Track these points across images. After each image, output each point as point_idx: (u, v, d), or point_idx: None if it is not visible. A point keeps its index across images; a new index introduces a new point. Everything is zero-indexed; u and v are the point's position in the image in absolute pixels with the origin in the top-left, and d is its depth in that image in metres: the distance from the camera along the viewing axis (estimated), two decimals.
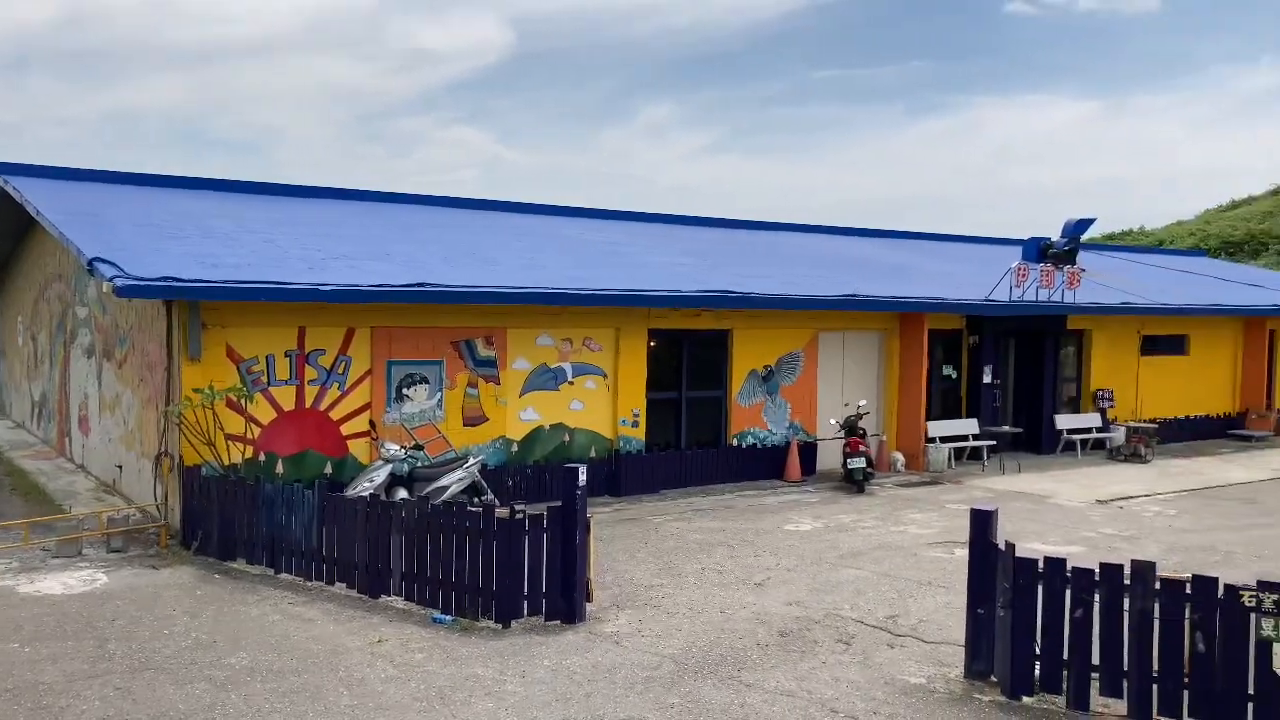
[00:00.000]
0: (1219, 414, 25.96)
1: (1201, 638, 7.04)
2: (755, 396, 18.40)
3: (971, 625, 8.07)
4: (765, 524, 14.46)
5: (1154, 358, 24.65)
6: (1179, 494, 17.70)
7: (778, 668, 8.38)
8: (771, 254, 23.08)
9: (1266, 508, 16.48)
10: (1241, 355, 26.55)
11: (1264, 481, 19.19)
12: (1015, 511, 15.52)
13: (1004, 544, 7.91)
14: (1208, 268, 34.71)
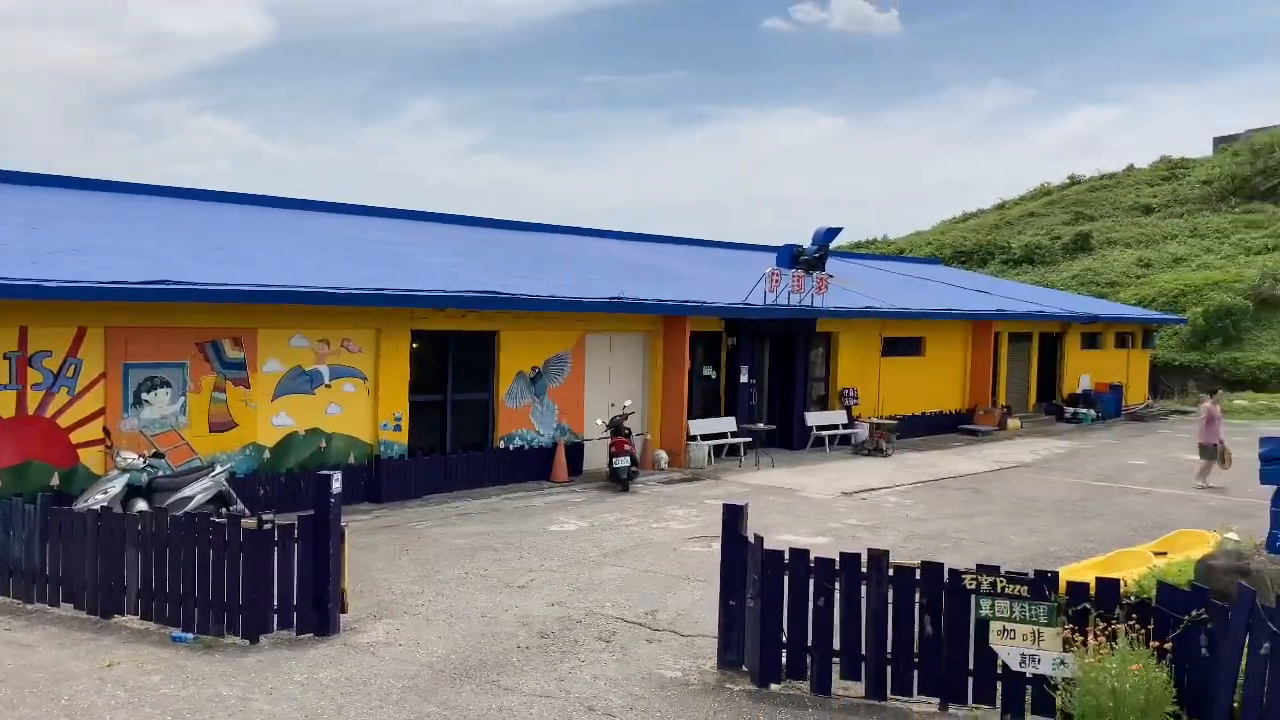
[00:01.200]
0: (951, 410, 28.11)
1: (930, 620, 7.57)
2: (523, 398, 18.36)
3: (723, 617, 8.35)
4: (531, 525, 14.45)
5: (894, 358, 26.41)
6: (915, 485, 19.01)
7: (538, 669, 8.37)
8: (540, 256, 23.13)
9: (990, 496, 17.96)
10: (970, 356, 28.86)
11: (989, 472, 20.91)
12: (768, 505, 16.22)
13: (753, 537, 8.22)
14: (942, 275, 37.54)
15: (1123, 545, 13.07)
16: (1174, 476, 20.50)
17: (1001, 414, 28.45)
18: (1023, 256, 55.44)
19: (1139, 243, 54.06)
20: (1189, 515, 16.05)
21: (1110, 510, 16.73)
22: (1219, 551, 8.54)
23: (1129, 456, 23.65)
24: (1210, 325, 41.34)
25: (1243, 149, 60.83)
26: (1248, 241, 49.87)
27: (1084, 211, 61.71)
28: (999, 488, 18.91)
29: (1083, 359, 33.59)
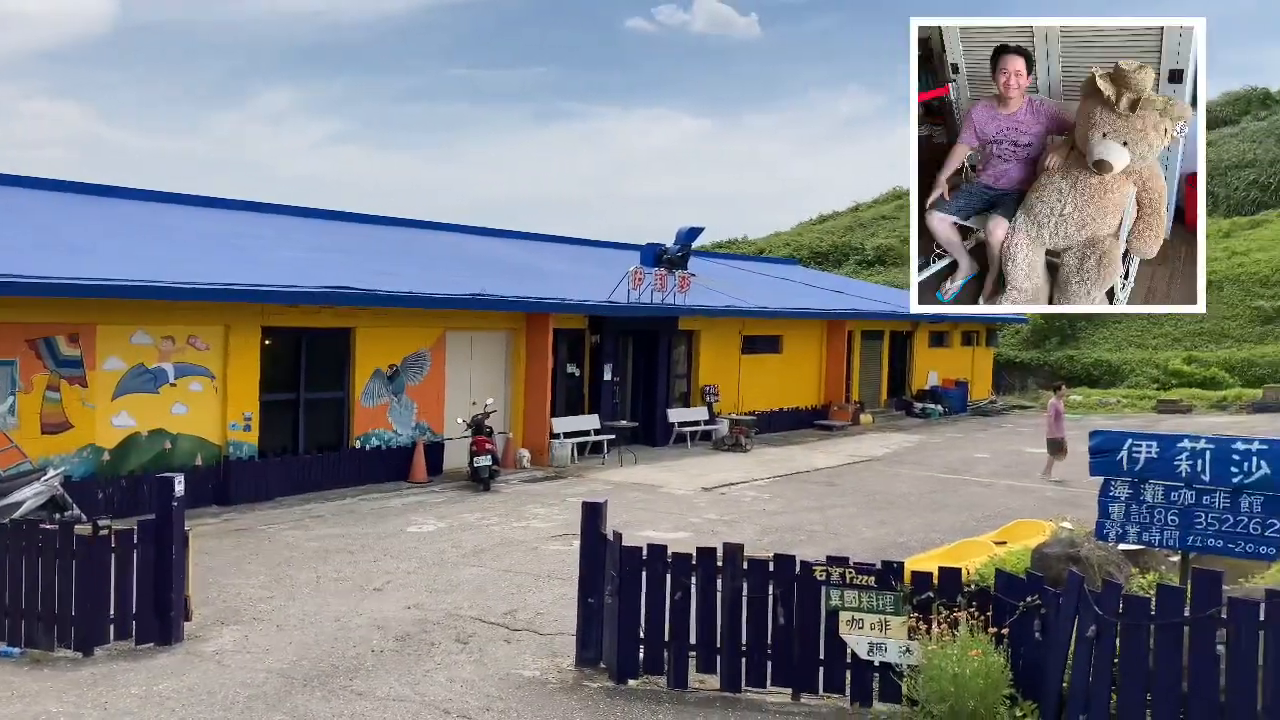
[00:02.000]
0: (807, 406, 28.83)
1: (783, 611, 7.74)
2: (380, 397, 17.97)
3: (582, 614, 8.35)
4: (388, 527, 14.16)
5: (753, 356, 26.92)
6: (773, 479, 19.42)
7: (392, 673, 8.20)
8: (400, 251, 22.68)
9: (843, 489, 18.49)
10: (826, 353, 29.66)
11: (843, 466, 21.53)
12: (631, 501, 16.31)
13: (612, 534, 8.25)
14: (799, 275, 38.48)
15: (966, 535, 13.63)
16: (1015, 469, 21.51)
17: (855, 409, 29.34)
18: (875, 258, 57.27)
19: None
20: (1028, 505, 16.84)
21: (955, 502, 17.44)
22: (1053, 540, 9.00)
23: (973, 450, 24.70)
24: (1049, 324, 43.52)
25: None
26: None
27: None
28: (852, 481, 19.48)
29: (931, 357, 34.93)
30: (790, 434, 26.90)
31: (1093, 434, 8.37)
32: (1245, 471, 7.66)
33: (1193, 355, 39.74)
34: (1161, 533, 7.99)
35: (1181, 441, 7.98)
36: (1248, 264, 43.43)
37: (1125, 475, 8.16)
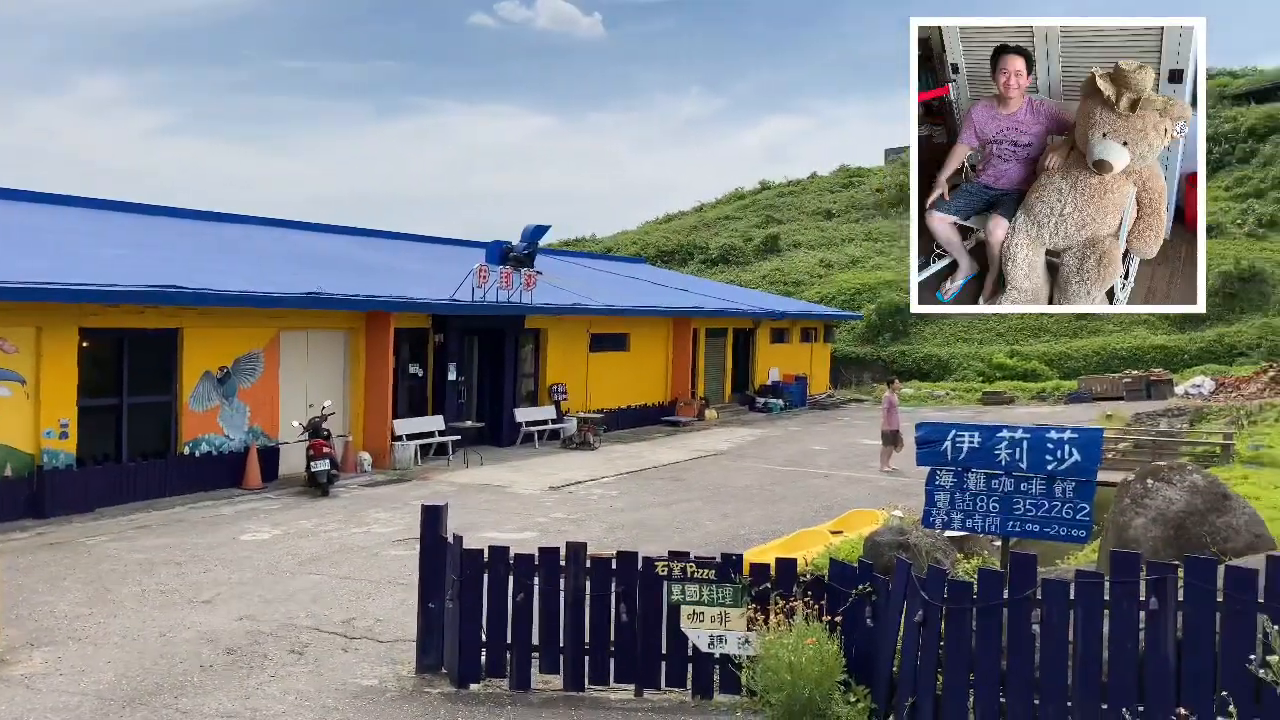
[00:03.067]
0: (655, 403, 29.11)
1: (625, 609, 7.76)
2: (210, 400, 17.19)
3: (422, 620, 8.18)
4: (219, 536, 13.55)
5: (601, 354, 27.01)
6: (620, 477, 19.51)
7: (221, 689, 7.85)
8: (232, 248, 21.76)
9: (689, 484, 18.73)
10: (672, 351, 30.02)
11: (688, 461, 21.82)
12: (477, 503, 16.11)
13: (452, 537, 8.10)
14: (646, 273, 38.84)
15: (805, 526, 14.02)
16: (851, 460, 22.24)
17: (700, 405, 29.80)
18: (719, 257, 58.32)
19: (821, 245, 58.30)
20: (863, 495, 17.44)
21: (795, 493, 17.90)
22: (884, 528, 9.33)
23: (813, 443, 25.42)
24: (882, 321, 45.22)
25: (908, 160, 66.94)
26: None
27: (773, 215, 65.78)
28: (697, 476, 19.76)
29: (772, 353, 35.81)
30: (638, 431, 27.10)
31: (919, 426, 8.70)
32: (1059, 459, 8.10)
33: (1015, 349, 41.98)
34: (984, 519, 8.37)
35: (1001, 432, 8.38)
36: None
37: (950, 465, 8.52)
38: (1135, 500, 7.51)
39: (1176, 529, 7.17)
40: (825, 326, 40.09)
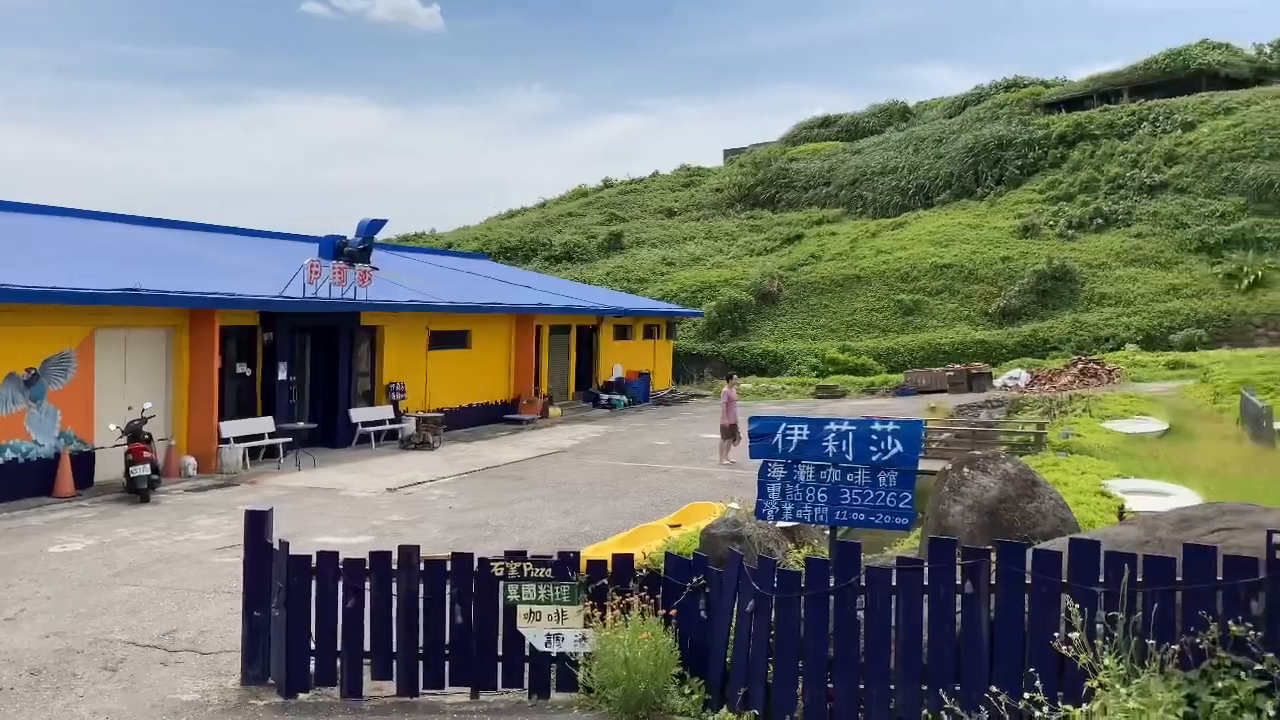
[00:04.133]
0: (497, 401, 28.85)
1: (460, 610, 7.63)
2: (15, 403, 16.06)
3: (247, 629, 7.84)
4: (25, 548, 12.67)
5: (441, 351, 26.57)
6: (461, 476, 19.24)
7: (23, 712, 7.32)
8: (42, 241, 20.39)
9: (531, 482, 18.63)
10: (515, 348, 29.81)
11: (531, 459, 21.71)
12: (309, 507, 15.59)
13: (279, 543, 7.80)
14: (489, 270, 38.46)
15: (646, 521, 14.13)
16: (692, 454, 22.58)
17: (544, 403, 29.70)
18: (563, 253, 58.33)
19: (663, 243, 59.02)
20: (703, 489, 17.70)
21: (637, 488, 18.04)
22: (719, 521, 9.46)
23: (655, 438, 25.69)
24: (722, 318, 46.15)
25: (747, 161, 68.59)
26: (752, 244, 56.28)
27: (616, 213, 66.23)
28: (540, 474, 19.68)
29: (616, 350, 36.03)
30: (480, 429, 26.80)
31: (751, 420, 8.88)
32: (883, 450, 8.39)
33: (846, 345, 43.51)
34: (813, 509, 8.60)
35: (828, 425, 8.62)
36: (891, 261, 48.11)
37: (781, 457, 8.71)
38: (953, 489, 7.86)
39: (991, 515, 7.53)
40: (668, 323, 40.61)
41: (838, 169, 61.85)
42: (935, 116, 65.77)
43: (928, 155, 58.65)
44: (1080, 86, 59.99)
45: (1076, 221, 48.11)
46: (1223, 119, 50.13)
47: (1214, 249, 43.43)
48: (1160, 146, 50.49)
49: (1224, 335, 39.34)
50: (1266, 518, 5.98)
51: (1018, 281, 44.12)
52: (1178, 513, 6.42)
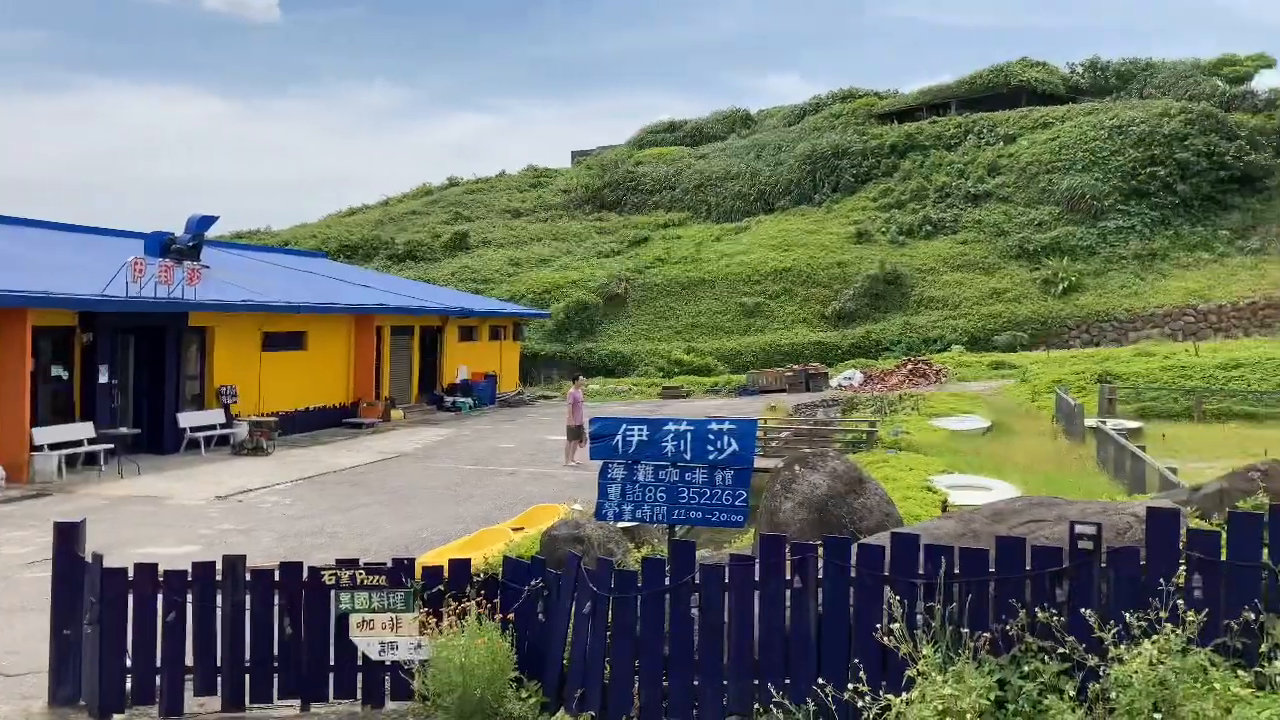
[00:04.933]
0: (336, 404, 28.05)
1: (289, 621, 7.38)
2: None
3: (56, 649, 7.39)
4: None
5: (276, 353, 25.66)
6: (297, 482, 18.64)
7: None
8: None
9: (371, 488, 18.20)
10: (355, 350, 29.05)
11: (372, 464, 21.21)
12: (131, 517, 14.82)
13: (92, 556, 7.37)
14: (327, 268, 37.39)
15: (489, 524, 14.00)
16: (539, 456, 22.50)
17: (385, 406, 29.06)
18: (406, 253, 57.23)
19: (510, 243, 58.62)
20: (548, 491, 17.67)
21: (481, 492, 17.86)
22: (559, 522, 9.44)
23: (501, 441, 25.48)
24: (570, 319, 46.18)
25: (594, 163, 68.86)
26: (599, 246, 56.50)
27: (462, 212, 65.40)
28: (380, 479, 19.25)
29: (461, 351, 35.56)
30: (318, 434, 26.01)
31: (593, 421, 8.91)
32: (719, 449, 8.55)
33: (692, 346, 44.19)
34: (652, 509, 8.69)
35: (667, 425, 8.74)
36: (734, 265, 49.13)
37: (621, 458, 8.78)
38: (785, 486, 8.07)
39: (820, 511, 7.77)
40: (515, 324, 40.35)
41: (683, 173, 62.76)
42: (776, 124, 67.51)
43: (769, 162, 60.14)
44: (911, 99, 62.61)
45: (907, 228, 50.16)
46: (1040, 133, 53.17)
47: (1032, 256, 46.00)
48: (984, 158, 53.17)
49: (1042, 337, 41.72)
50: (1070, 509, 6.37)
51: (852, 285, 45.70)
52: (992, 506, 6.76)
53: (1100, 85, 58.47)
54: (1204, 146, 47.90)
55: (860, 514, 7.76)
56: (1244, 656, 5.10)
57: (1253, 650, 5.10)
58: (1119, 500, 8.97)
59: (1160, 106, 50.92)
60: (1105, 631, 5.16)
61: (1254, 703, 4.69)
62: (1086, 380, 29.98)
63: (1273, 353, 30.05)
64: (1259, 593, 5.23)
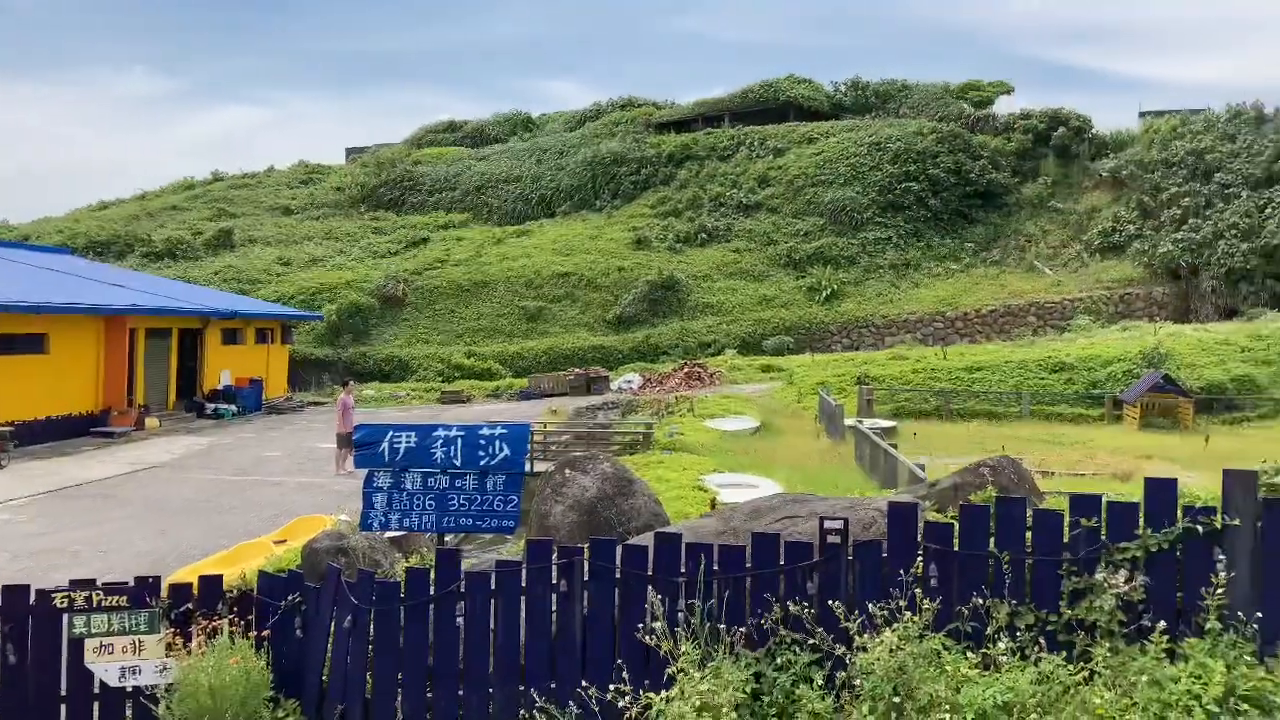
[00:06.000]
0: (84, 412, 26.02)
1: (14, 649, 6.74)
2: None
3: None
4: None
5: (11, 357, 23.54)
6: (36, 497, 17.18)
7: None
8: None
9: (122, 501, 16.99)
10: (104, 353, 27.03)
11: (123, 475, 19.79)
12: None
13: None
14: (73, 266, 34.66)
15: (251, 538, 13.33)
16: (306, 465, 21.63)
17: (139, 413, 27.21)
18: (165, 250, 53.88)
19: (280, 242, 56.21)
20: (316, 502, 17.00)
21: (244, 504, 17.00)
22: (322, 534, 9.11)
23: (266, 449, 24.34)
24: (343, 322, 44.73)
25: (370, 161, 67.02)
26: (375, 245, 55.04)
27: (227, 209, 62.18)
28: (133, 491, 18.00)
29: (224, 355, 33.73)
30: (63, 444, 24.04)
31: (357, 428, 8.64)
32: (490, 454, 8.47)
33: (473, 350, 43.74)
34: (420, 517, 8.51)
35: (437, 431, 8.57)
36: (516, 268, 49.01)
37: (388, 465, 8.55)
38: (555, 489, 8.08)
39: (589, 514, 7.83)
40: (283, 327, 38.65)
41: (464, 174, 62.06)
42: (557, 129, 67.85)
43: (550, 166, 60.35)
44: (687, 110, 64.38)
45: (684, 236, 51.53)
46: (807, 147, 55.84)
47: (799, 264, 48.25)
48: (755, 170, 55.33)
49: (808, 341, 43.82)
50: (821, 505, 6.68)
51: (632, 290, 46.51)
52: (751, 504, 7.00)
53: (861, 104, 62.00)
54: (953, 164, 51.68)
55: (629, 515, 7.87)
56: (974, 639, 5.49)
57: (981, 633, 5.50)
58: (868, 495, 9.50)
59: (915, 126, 54.53)
60: (851, 621, 5.43)
61: (980, 681, 5.05)
62: (847, 382, 31.72)
63: (1010, 356, 32.76)
64: (986, 579, 5.64)
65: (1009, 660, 5.18)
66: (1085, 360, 31.14)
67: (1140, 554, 5.48)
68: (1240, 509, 5.46)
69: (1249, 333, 32.78)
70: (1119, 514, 5.62)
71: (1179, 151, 48.16)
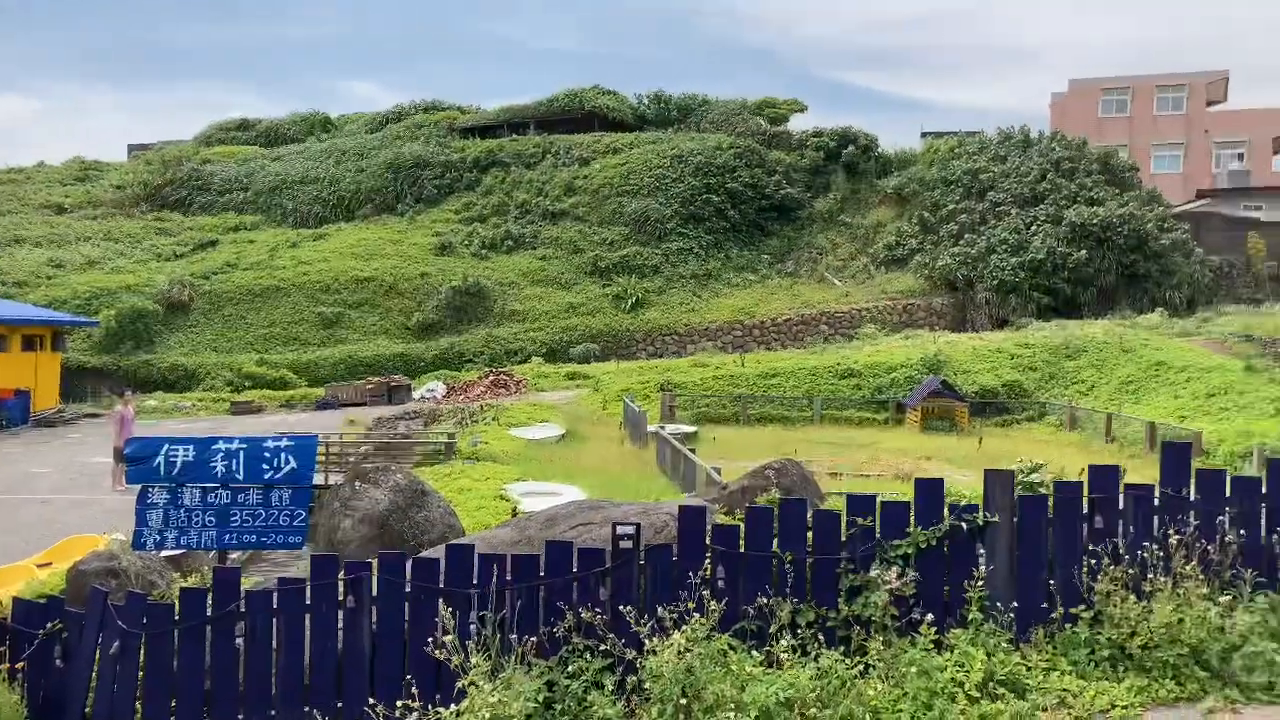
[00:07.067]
0: None
1: None
2: None
3: None
4: None
5: None
6: None
7: None
8: None
9: None
10: None
11: None
12: None
13: None
14: None
15: (10, 561, 12.30)
16: (79, 482, 20.18)
17: None
18: None
19: (51, 242, 52.27)
20: (90, 520, 15.88)
21: (6, 524, 15.71)
22: (91, 555, 8.50)
23: (34, 465, 22.55)
24: (123, 328, 41.99)
25: (155, 159, 63.25)
26: (159, 247, 51.98)
27: None
28: None
29: None
30: None
31: (128, 443, 8.14)
32: (275, 467, 8.13)
33: (265, 358, 41.90)
34: (200, 534, 8.08)
35: (217, 444, 8.16)
36: (312, 272, 47.32)
37: (164, 481, 8.07)
38: (344, 503, 7.83)
39: (381, 527, 7.62)
40: (54, 333, 35.92)
41: (256, 174, 59.47)
42: (357, 130, 65.96)
43: (349, 168, 58.61)
44: (493, 116, 63.88)
45: (489, 242, 51.09)
46: (612, 158, 56.43)
47: (605, 272, 48.68)
48: (561, 178, 55.47)
49: (613, 349, 44.25)
50: (616, 511, 6.74)
51: (435, 297, 45.74)
52: (546, 512, 6.99)
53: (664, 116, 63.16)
54: (750, 178, 53.37)
55: (423, 527, 7.71)
56: (759, 638, 5.66)
57: (765, 631, 5.67)
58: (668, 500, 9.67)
59: (715, 140, 56.00)
60: (643, 626, 5.49)
61: (764, 679, 5.21)
62: (651, 389, 32.24)
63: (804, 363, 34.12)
64: (771, 579, 5.83)
65: (791, 657, 5.37)
66: (872, 367, 32.78)
67: (911, 551, 5.80)
68: (999, 506, 5.86)
69: (1018, 341, 35.32)
70: (892, 513, 5.93)
71: (956, 171, 51.39)
